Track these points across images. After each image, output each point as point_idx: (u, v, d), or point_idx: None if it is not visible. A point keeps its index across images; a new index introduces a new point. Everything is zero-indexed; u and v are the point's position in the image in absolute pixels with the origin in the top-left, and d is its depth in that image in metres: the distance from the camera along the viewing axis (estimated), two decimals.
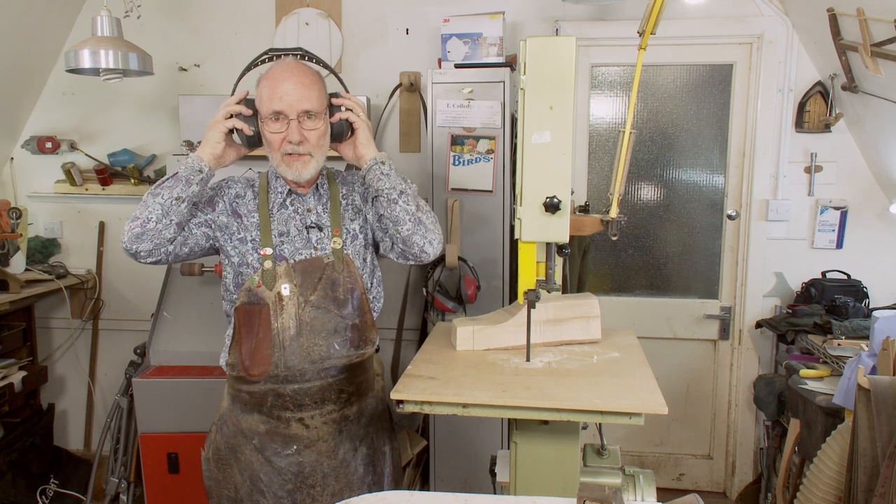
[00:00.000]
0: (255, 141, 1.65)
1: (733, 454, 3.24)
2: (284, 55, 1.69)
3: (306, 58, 1.75)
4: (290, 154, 1.60)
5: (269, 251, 1.61)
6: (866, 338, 2.42)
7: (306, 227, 1.66)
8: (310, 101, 1.58)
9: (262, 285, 1.59)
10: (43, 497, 2.99)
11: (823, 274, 2.99)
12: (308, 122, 1.59)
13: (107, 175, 3.24)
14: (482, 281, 2.69)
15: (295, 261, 1.62)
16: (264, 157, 1.69)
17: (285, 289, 1.60)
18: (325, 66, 1.77)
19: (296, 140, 1.59)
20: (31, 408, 3.17)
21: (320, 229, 1.67)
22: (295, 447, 1.65)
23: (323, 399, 1.65)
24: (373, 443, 1.76)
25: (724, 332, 3.21)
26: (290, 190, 1.67)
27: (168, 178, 1.58)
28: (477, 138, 2.62)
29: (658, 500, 1.47)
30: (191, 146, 2.91)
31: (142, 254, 1.57)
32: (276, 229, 1.64)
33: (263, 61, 1.74)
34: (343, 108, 1.65)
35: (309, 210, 1.68)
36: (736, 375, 3.20)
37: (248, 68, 1.76)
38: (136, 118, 3.28)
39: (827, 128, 2.94)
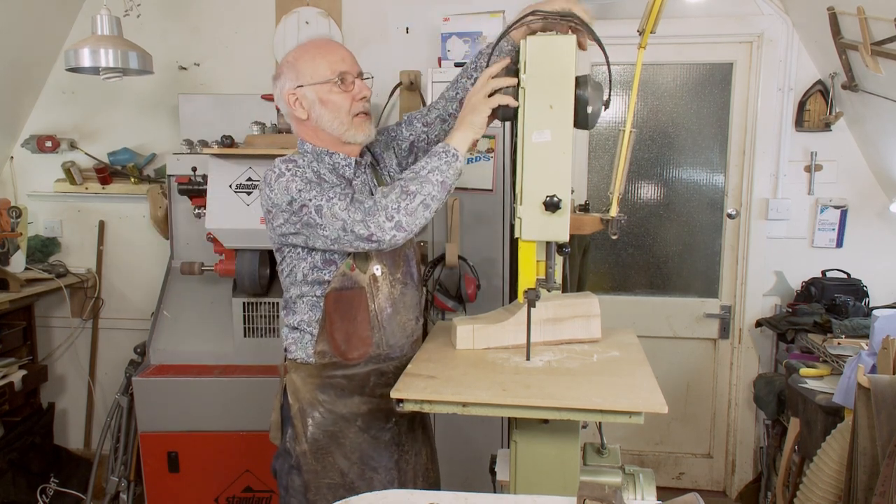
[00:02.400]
0: (511, 114, 1.47)
1: (733, 453, 3.24)
2: (550, 19, 1.49)
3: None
4: (361, 114, 1.58)
5: None
6: (866, 337, 2.42)
7: (372, 193, 1.63)
8: (358, 66, 1.58)
9: (356, 269, 1.56)
10: (43, 496, 2.99)
11: (823, 273, 2.99)
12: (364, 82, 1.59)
13: (107, 174, 3.24)
14: (482, 280, 2.69)
15: None
16: (262, 157, 1.68)
17: (377, 270, 1.59)
18: (597, 41, 1.52)
19: (368, 95, 1.58)
20: (31, 407, 3.17)
21: None
22: (394, 419, 1.68)
23: None
24: (428, 417, 1.86)
25: (724, 331, 3.21)
26: (355, 160, 1.62)
27: (434, 184, 1.43)
28: None
29: (658, 499, 1.47)
30: (191, 145, 2.91)
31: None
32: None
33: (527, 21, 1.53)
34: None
35: (370, 177, 1.66)
36: (736, 374, 3.20)
37: (510, 28, 1.54)
38: (135, 117, 3.28)
39: (827, 127, 2.94)
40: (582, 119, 1.45)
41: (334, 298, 1.57)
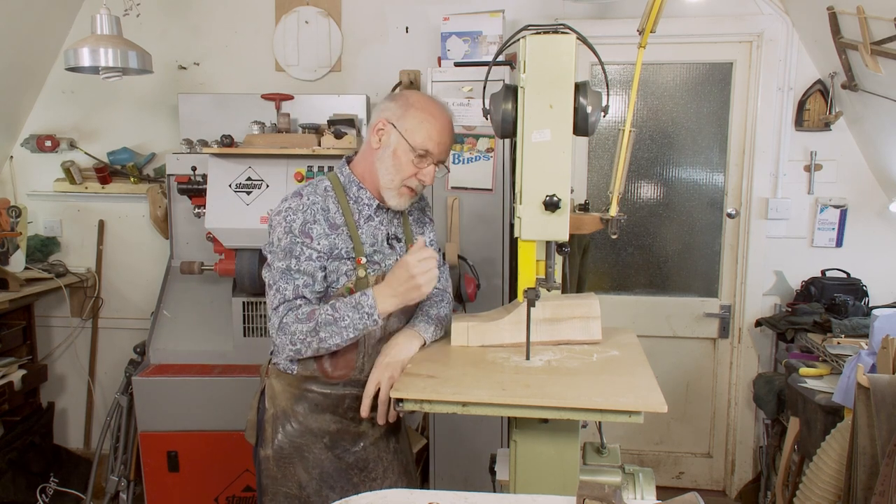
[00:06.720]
0: (511, 130, 1.50)
1: (733, 452, 3.24)
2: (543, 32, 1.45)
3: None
4: (409, 188, 1.64)
5: (363, 260, 1.62)
6: (866, 336, 2.42)
7: (387, 238, 1.70)
8: (448, 155, 1.66)
9: (355, 293, 1.60)
10: (43, 495, 2.99)
11: (823, 272, 2.99)
12: (436, 169, 1.65)
13: (106, 173, 3.23)
14: (482, 280, 2.69)
15: (384, 272, 1.64)
16: (262, 156, 1.68)
17: None
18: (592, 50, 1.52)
19: (428, 183, 1.64)
20: (31, 406, 3.17)
21: (398, 240, 1.72)
22: (362, 444, 1.71)
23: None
24: (402, 433, 1.87)
25: (724, 330, 3.21)
26: (378, 205, 1.68)
27: (343, 337, 1.54)
28: (477, 136, 2.62)
29: (658, 499, 1.47)
30: (190, 144, 2.91)
31: None
32: (366, 240, 1.65)
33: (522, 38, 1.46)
34: None
35: (390, 222, 1.72)
36: (735, 374, 3.20)
37: (505, 46, 1.55)
38: (135, 116, 3.28)
39: (827, 126, 2.94)
40: (581, 126, 1.45)
41: None
